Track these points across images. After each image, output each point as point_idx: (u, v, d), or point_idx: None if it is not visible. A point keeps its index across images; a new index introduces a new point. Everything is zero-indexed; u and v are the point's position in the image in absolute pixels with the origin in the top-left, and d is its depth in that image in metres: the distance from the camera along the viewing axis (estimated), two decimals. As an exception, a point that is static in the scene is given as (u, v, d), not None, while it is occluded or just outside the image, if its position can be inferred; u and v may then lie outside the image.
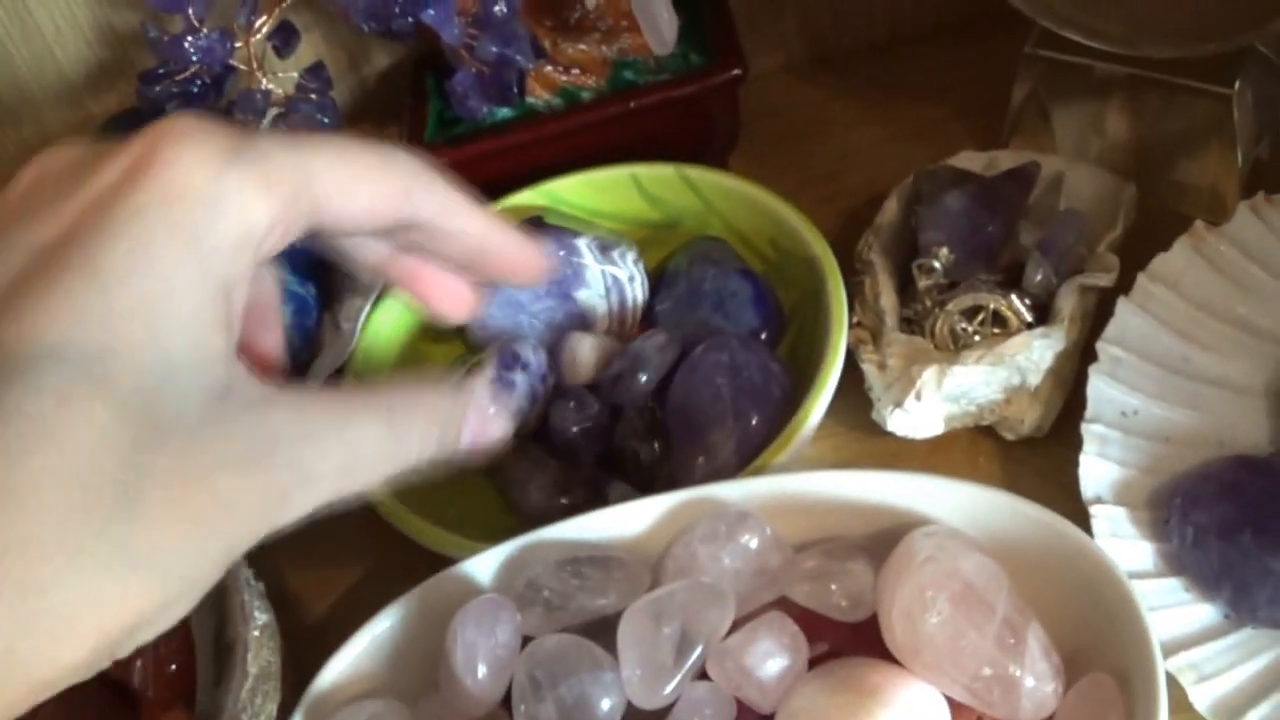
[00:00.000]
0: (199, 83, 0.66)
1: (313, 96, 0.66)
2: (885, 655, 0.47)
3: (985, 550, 0.48)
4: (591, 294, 0.60)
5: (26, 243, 0.38)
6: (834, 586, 0.48)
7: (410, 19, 0.60)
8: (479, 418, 0.47)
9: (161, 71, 0.67)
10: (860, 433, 0.59)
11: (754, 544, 0.49)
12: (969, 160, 0.65)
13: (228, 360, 0.39)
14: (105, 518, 0.34)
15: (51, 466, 0.33)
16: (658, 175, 0.64)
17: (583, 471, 0.58)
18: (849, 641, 0.49)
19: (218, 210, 0.39)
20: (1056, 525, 0.48)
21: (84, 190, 0.39)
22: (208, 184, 0.39)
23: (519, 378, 0.58)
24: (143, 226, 0.37)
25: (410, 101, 0.71)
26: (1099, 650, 0.46)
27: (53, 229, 0.38)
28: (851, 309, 0.58)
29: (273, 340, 0.46)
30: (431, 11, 0.59)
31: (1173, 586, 0.51)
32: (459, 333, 0.64)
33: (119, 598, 0.34)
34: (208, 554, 0.37)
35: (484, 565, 0.51)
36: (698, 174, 0.64)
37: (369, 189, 0.43)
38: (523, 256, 0.48)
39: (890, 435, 0.57)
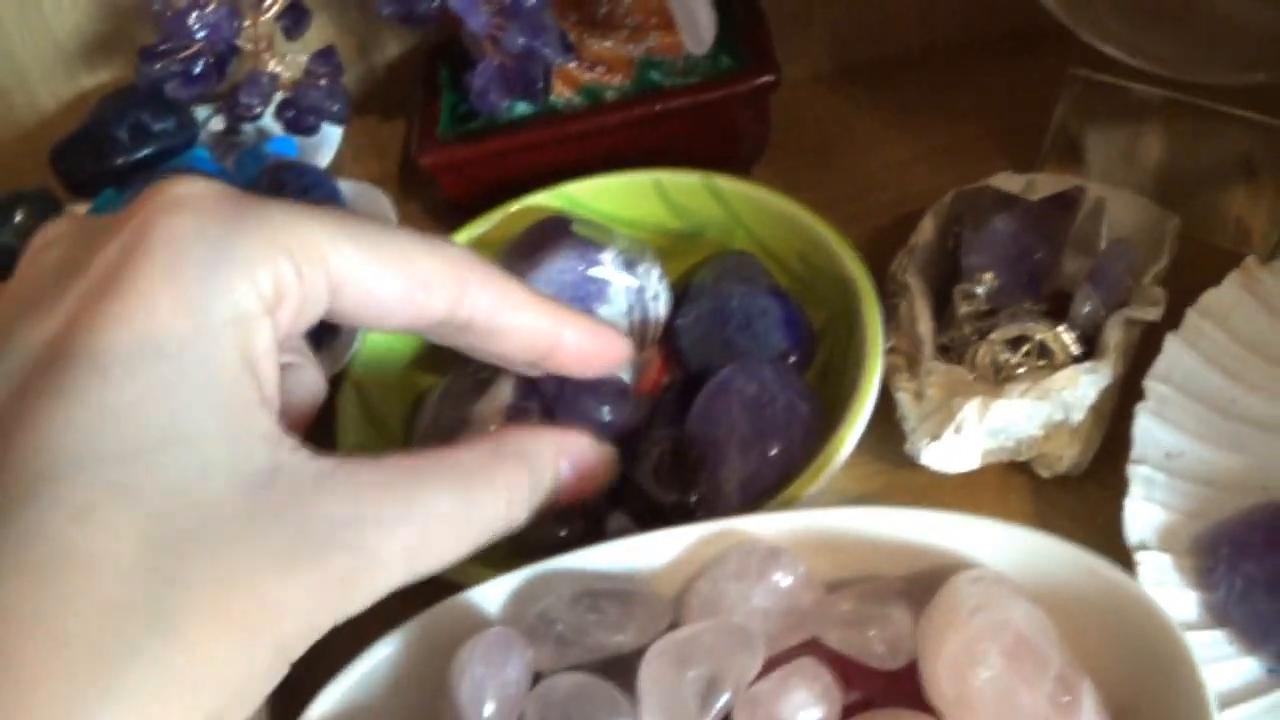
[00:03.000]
0: (202, 62, 0.63)
1: (322, 83, 0.63)
2: (922, 706, 0.44)
3: (1032, 598, 0.45)
4: (613, 311, 0.57)
5: (28, 341, 0.35)
6: (872, 633, 0.45)
7: (436, 3, 0.57)
8: (578, 457, 0.46)
9: (163, 48, 0.63)
10: (885, 463, 0.57)
11: (786, 583, 0.46)
12: (1007, 182, 0.62)
13: (270, 438, 0.36)
14: (140, 639, 0.31)
15: (77, 590, 0.31)
16: (683, 183, 0.61)
17: (583, 500, 0.55)
18: (884, 690, 0.46)
19: (223, 279, 0.36)
20: (1108, 573, 0.45)
21: (81, 277, 0.36)
22: (209, 252, 0.36)
23: (534, 406, 0.55)
24: (146, 310, 0.35)
25: (423, 93, 0.68)
26: (1148, 707, 0.44)
27: (53, 323, 0.35)
28: (886, 333, 0.55)
29: None
30: (456, -2, 0.56)
31: (1216, 639, 0.48)
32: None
33: None
34: (256, 662, 0.34)
35: (491, 595, 0.48)
36: (725, 183, 0.61)
37: (403, 278, 0.40)
38: (594, 347, 0.47)
39: (917, 468, 0.54)
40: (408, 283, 0.40)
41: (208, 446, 0.34)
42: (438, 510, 0.39)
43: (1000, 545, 0.47)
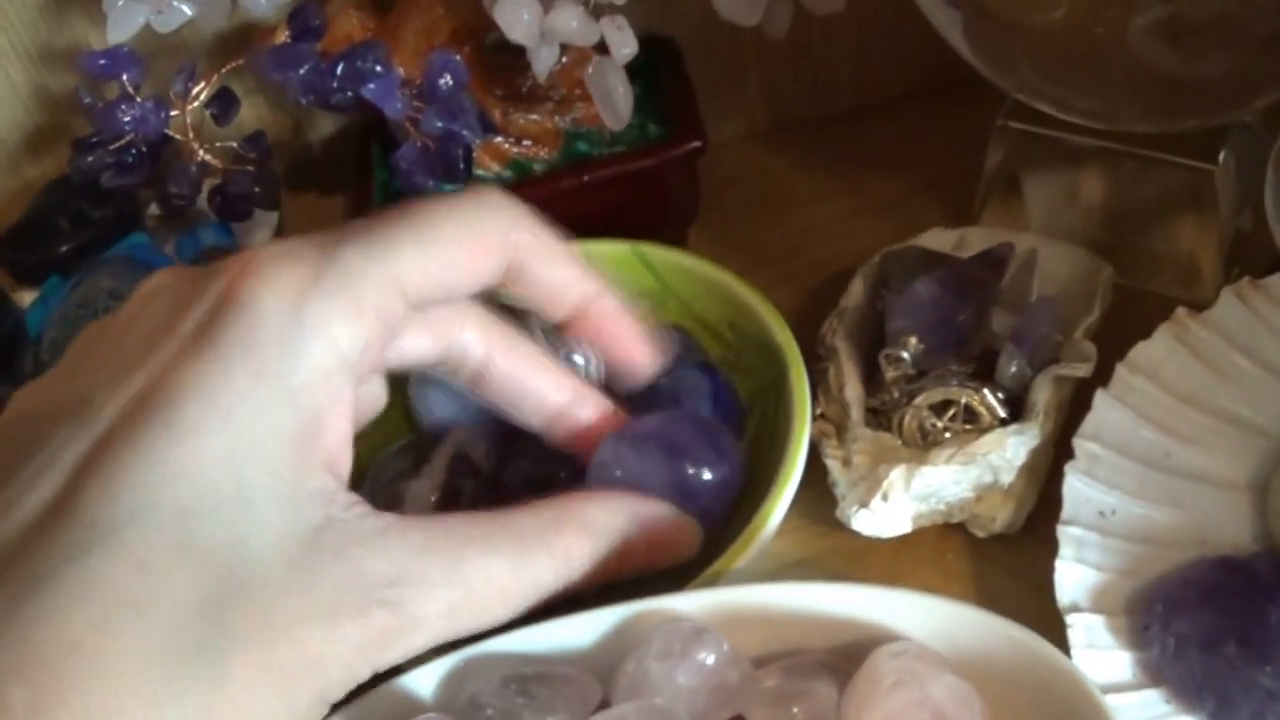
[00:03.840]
0: (134, 152, 0.63)
1: (249, 168, 0.63)
2: (848, 783, 0.44)
3: (957, 670, 0.45)
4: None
5: (116, 398, 0.38)
6: (796, 709, 0.45)
7: (350, 94, 0.57)
8: (651, 526, 0.47)
9: (95, 140, 0.64)
10: (823, 526, 0.56)
11: (710, 661, 0.46)
12: (938, 239, 0.62)
13: (323, 496, 0.39)
14: (188, 685, 0.34)
15: (133, 636, 0.33)
16: (612, 253, 0.61)
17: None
18: (811, 767, 0.46)
19: (301, 346, 0.39)
20: (1031, 643, 0.45)
21: (169, 339, 0.39)
22: (289, 321, 0.39)
23: (468, 485, 0.55)
24: (223, 376, 0.37)
25: (355, 172, 0.68)
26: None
27: (140, 381, 0.38)
28: (815, 399, 0.55)
29: None
30: (372, 86, 0.57)
31: (1152, 699, 0.48)
32: (404, 418, 0.61)
33: None
34: (295, 706, 0.36)
35: (425, 679, 0.48)
36: (654, 253, 0.61)
37: (466, 254, 0.44)
38: (625, 330, 0.51)
39: (854, 531, 0.54)
40: (473, 260, 0.44)
41: (263, 506, 0.37)
42: (486, 574, 0.41)
43: (925, 617, 0.46)
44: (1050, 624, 0.49)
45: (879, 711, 0.43)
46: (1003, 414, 0.53)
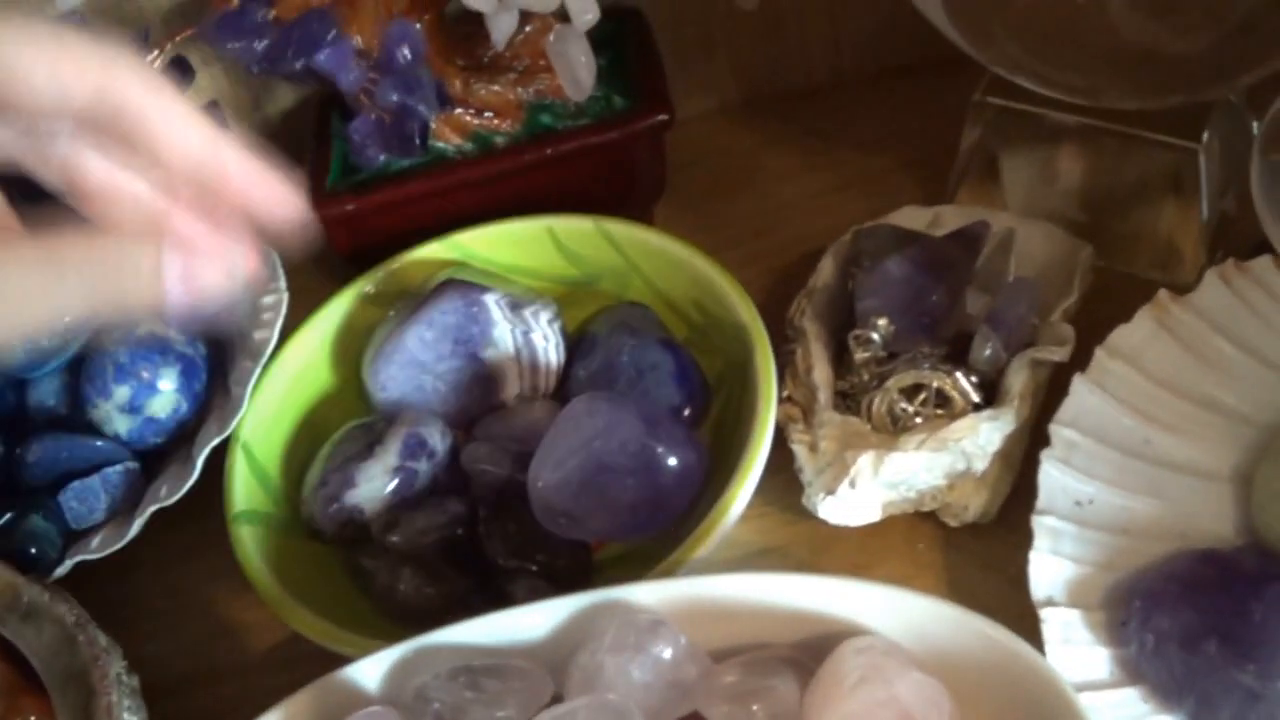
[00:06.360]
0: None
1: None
2: (811, 783, 0.42)
3: (926, 667, 0.43)
4: (500, 354, 0.55)
5: None
6: (755, 707, 0.43)
7: (301, 63, 0.55)
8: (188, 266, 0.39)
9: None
10: (790, 514, 0.54)
11: (667, 655, 0.44)
12: (912, 217, 0.60)
13: None
14: None
15: None
16: (576, 229, 0.59)
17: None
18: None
19: None
20: (1004, 640, 0.43)
21: None
22: None
23: (423, 467, 0.53)
24: None
25: (313, 143, 0.66)
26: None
27: None
28: (782, 381, 0.53)
29: None
30: (324, 55, 0.54)
31: (1130, 697, 0.46)
32: (359, 397, 0.59)
33: None
34: None
35: (371, 670, 0.46)
36: (619, 229, 0.59)
37: (53, 60, 0.37)
38: (257, 171, 0.42)
39: (822, 519, 0.52)
40: (57, 71, 0.38)
41: None
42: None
43: (895, 611, 0.44)
44: (1026, 618, 0.47)
45: (841, 711, 0.41)
46: (976, 399, 0.51)
